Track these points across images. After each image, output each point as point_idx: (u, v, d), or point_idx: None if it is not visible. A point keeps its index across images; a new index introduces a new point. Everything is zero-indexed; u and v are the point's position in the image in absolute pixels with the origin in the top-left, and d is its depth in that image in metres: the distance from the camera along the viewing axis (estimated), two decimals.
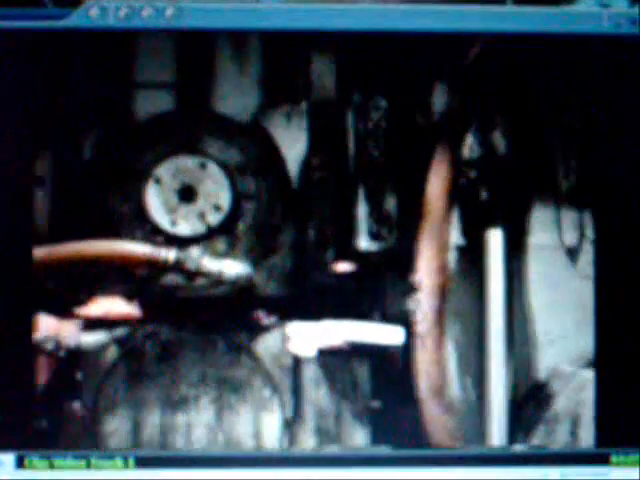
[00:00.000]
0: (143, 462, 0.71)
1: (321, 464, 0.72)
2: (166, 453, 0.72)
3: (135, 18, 0.71)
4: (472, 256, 0.74)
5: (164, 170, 0.74)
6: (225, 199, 0.74)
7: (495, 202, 0.74)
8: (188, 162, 0.74)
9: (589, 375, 0.74)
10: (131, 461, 0.71)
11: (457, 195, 0.74)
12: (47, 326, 0.71)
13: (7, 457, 0.71)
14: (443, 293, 0.74)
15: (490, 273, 0.74)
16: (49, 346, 0.71)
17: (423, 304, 0.73)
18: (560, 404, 0.74)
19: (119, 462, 0.71)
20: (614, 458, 0.72)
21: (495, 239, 0.74)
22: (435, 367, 0.73)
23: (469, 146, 0.74)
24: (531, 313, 0.75)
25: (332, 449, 0.73)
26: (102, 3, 0.71)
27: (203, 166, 0.74)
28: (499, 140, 0.74)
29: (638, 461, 0.72)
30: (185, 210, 0.74)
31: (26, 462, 0.71)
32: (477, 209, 0.74)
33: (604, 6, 0.73)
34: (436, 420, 0.73)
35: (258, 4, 0.72)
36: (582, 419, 0.74)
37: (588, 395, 0.74)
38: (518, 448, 0.73)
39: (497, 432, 0.74)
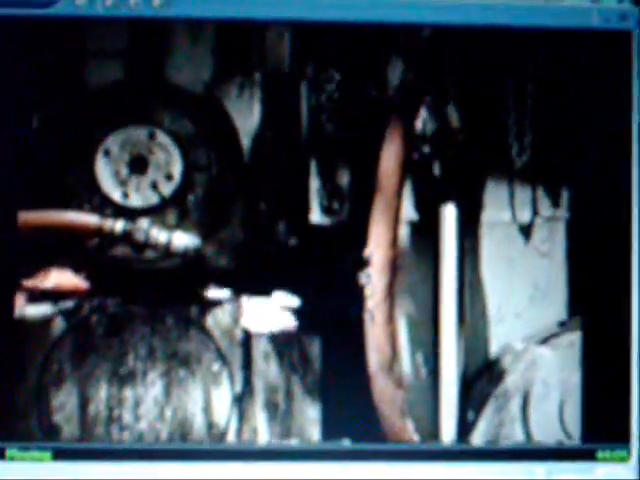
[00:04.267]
0: (61, 455, 0.70)
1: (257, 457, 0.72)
2: (85, 445, 0.71)
3: (122, 6, 0.70)
4: (425, 231, 0.74)
5: (113, 142, 0.72)
6: (176, 168, 0.73)
7: (449, 177, 0.74)
8: (137, 133, 0.73)
9: (541, 351, 0.74)
10: (48, 454, 0.70)
11: (410, 170, 0.74)
12: None
13: None
14: (394, 268, 0.73)
15: (444, 249, 0.74)
16: None
17: (373, 278, 0.73)
18: (511, 380, 0.74)
19: (36, 454, 0.70)
20: (600, 454, 0.72)
21: (449, 214, 0.74)
22: (385, 342, 0.73)
23: (422, 120, 0.74)
24: (484, 289, 0.75)
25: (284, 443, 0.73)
26: None
27: (152, 136, 0.73)
28: (453, 115, 0.74)
29: (624, 457, 0.72)
30: (136, 181, 0.73)
31: None
32: (431, 184, 0.74)
33: (594, 1, 0.73)
34: (386, 395, 0.72)
35: None
36: (532, 396, 0.74)
37: (539, 372, 0.74)
38: (475, 438, 0.73)
39: (447, 408, 0.73)
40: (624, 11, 0.73)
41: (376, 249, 0.73)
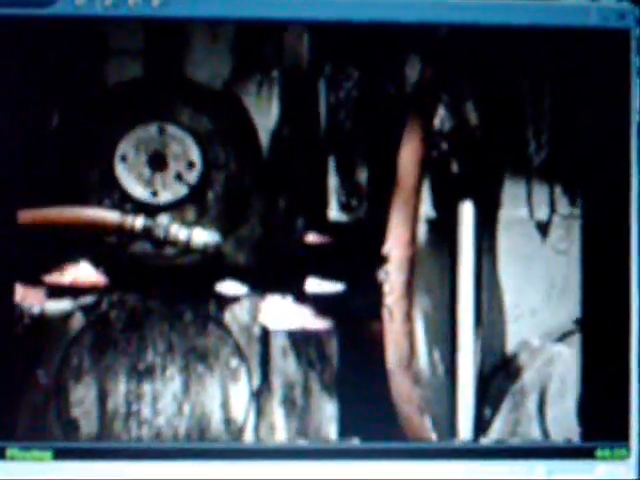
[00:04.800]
0: (62, 454, 0.70)
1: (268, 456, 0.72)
2: (86, 445, 0.71)
3: (122, 6, 0.70)
4: (443, 229, 0.74)
5: (127, 144, 0.73)
6: (195, 155, 0.73)
7: (467, 175, 0.74)
8: (149, 130, 0.73)
9: (558, 349, 0.74)
10: (49, 453, 0.70)
11: (429, 167, 0.74)
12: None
13: None
14: (412, 265, 0.73)
15: (461, 246, 0.74)
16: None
17: (392, 276, 0.73)
18: (527, 377, 0.74)
19: (36, 454, 0.70)
20: (600, 452, 0.72)
21: (467, 212, 0.74)
22: (403, 339, 0.73)
23: (440, 118, 0.74)
24: (501, 287, 0.75)
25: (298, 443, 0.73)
26: None
27: (162, 130, 0.73)
28: (471, 112, 0.74)
29: (624, 455, 0.72)
30: (161, 177, 0.73)
31: None
32: (449, 182, 0.74)
33: None
34: (404, 392, 0.73)
35: None
36: (549, 393, 0.74)
37: (556, 369, 0.74)
38: (489, 437, 0.73)
39: (465, 405, 0.74)
40: (623, 9, 0.72)
41: (394, 246, 0.73)
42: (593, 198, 0.74)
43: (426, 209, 0.74)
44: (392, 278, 0.73)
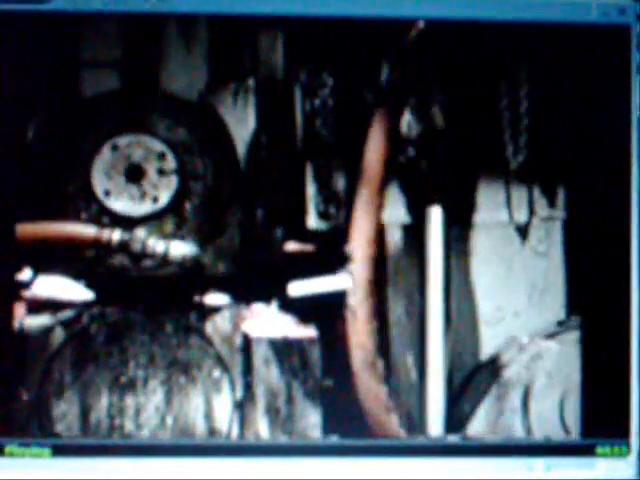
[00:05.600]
0: (60, 451, 0.70)
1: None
2: (84, 441, 0.71)
3: (120, 2, 0.70)
4: (415, 233, 0.74)
5: (104, 156, 0.72)
6: (172, 166, 0.73)
7: (434, 179, 0.74)
8: (132, 141, 0.73)
9: (546, 345, 0.74)
10: (47, 450, 0.70)
11: (398, 171, 0.73)
12: None
13: None
14: (376, 265, 0.73)
15: (429, 250, 0.74)
16: None
17: (355, 275, 0.73)
18: (513, 371, 0.74)
19: (35, 450, 0.70)
20: (600, 449, 0.72)
21: (435, 216, 0.74)
22: (367, 338, 0.73)
23: (408, 122, 0.74)
24: (478, 290, 0.75)
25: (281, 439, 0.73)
26: None
27: (138, 142, 0.73)
28: (438, 117, 0.74)
29: (624, 452, 0.72)
30: (138, 189, 0.73)
31: None
32: (418, 186, 0.74)
33: None
34: (369, 391, 0.72)
35: None
36: (534, 389, 0.74)
37: (541, 366, 0.74)
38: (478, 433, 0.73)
39: (434, 402, 0.73)
40: (623, 5, 0.73)
41: (358, 246, 0.73)
42: (590, 197, 0.74)
43: (399, 214, 0.74)
44: (355, 277, 0.73)
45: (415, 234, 0.74)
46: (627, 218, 0.73)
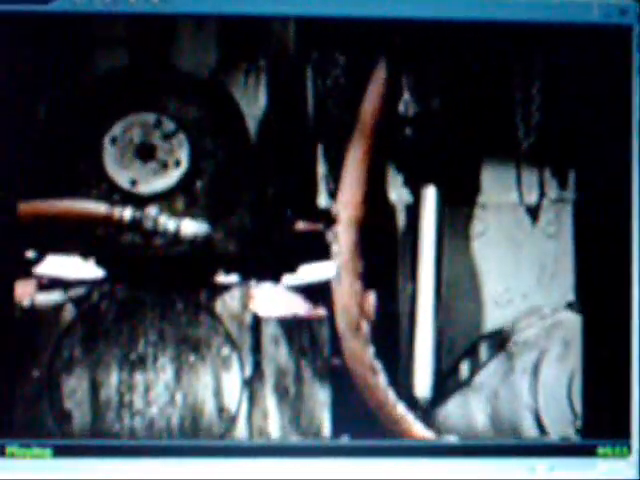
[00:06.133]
0: (61, 451, 0.70)
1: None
2: (85, 442, 0.71)
3: (122, 3, 0.70)
4: (416, 212, 0.74)
5: (119, 129, 0.72)
6: (184, 154, 0.73)
7: (430, 160, 0.74)
8: (144, 119, 0.73)
9: (567, 315, 0.74)
10: (48, 451, 0.70)
11: (397, 150, 0.73)
12: None
13: None
14: (360, 227, 0.73)
15: (423, 230, 0.74)
16: None
17: (340, 237, 0.73)
18: (531, 333, 0.74)
19: (36, 451, 0.70)
20: (601, 450, 0.73)
21: (430, 196, 0.74)
22: (351, 301, 0.73)
23: (405, 103, 0.73)
24: (482, 271, 0.75)
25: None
26: None
27: (159, 122, 0.73)
28: (434, 99, 0.74)
29: (625, 453, 0.72)
30: (145, 168, 0.73)
31: None
32: (415, 166, 0.74)
33: None
34: (355, 354, 0.72)
35: None
36: (548, 355, 0.74)
37: (560, 333, 0.74)
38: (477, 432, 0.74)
39: (422, 363, 0.74)
40: (624, 6, 0.73)
41: (344, 207, 0.73)
42: (601, 179, 0.74)
43: (399, 192, 0.74)
44: (340, 239, 0.73)
45: (415, 213, 0.74)
46: (628, 214, 0.73)
